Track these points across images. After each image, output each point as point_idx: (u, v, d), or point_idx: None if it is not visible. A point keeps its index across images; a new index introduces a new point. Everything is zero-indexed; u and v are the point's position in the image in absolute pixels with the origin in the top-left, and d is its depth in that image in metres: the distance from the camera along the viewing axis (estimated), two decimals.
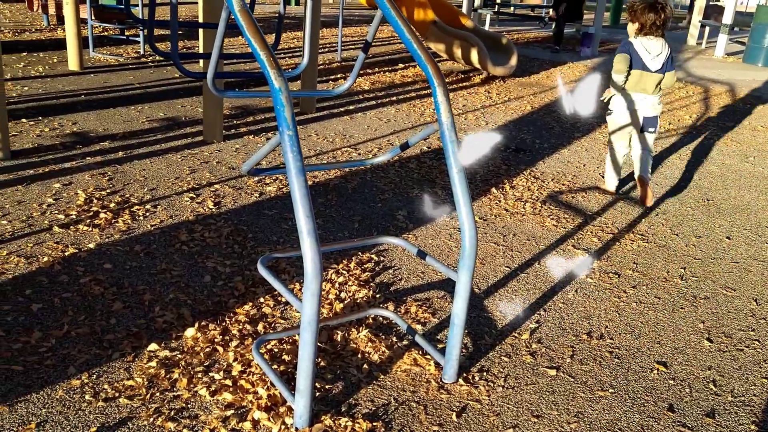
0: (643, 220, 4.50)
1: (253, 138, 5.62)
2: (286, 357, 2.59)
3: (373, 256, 3.60)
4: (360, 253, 3.61)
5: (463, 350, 2.77)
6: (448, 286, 3.32)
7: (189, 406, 2.26)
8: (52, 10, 10.39)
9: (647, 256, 3.92)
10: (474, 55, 8.93)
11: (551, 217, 4.42)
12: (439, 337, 2.86)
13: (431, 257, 2.66)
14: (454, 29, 9.36)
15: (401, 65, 10.04)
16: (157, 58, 8.98)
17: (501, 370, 2.65)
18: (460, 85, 8.97)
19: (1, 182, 4.14)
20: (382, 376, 2.53)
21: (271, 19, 14.60)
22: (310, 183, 4.64)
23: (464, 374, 2.59)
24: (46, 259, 3.21)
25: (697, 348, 2.96)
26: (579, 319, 3.13)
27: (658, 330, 3.09)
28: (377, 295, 3.17)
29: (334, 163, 2.70)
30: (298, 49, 10.61)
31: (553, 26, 13.40)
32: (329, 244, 2.76)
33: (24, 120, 5.52)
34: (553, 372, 2.67)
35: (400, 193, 4.63)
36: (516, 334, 2.94)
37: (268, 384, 2.39)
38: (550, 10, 14.52)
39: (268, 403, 2.28)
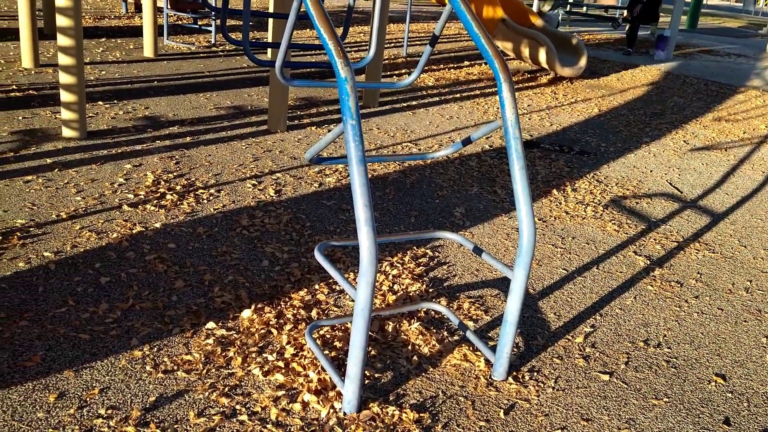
0: (711, 230, 4.35)
1: (316, 129, 5.70)
2: (337, 344, 2.63)
3: (427, 251, 3.61)
4: (415, 248, 3.63)
5: (515, 349, 2.75)
6: (502, 284, 3.30)
7: (242, 383, 2.32)
8: None
9: (712, 267, 3.79)
10: (542, 55, 8.79)
11: (613, 221, 4.33)
12: (490, 335, 2.85)
13: (487, 254, 2.65)
14: (523, 28, 9.24)
15: (467, 62, 9.98)
16: (227, 47, 9.20)
17: (552, 371, 2.62)
18: (526, 84, 8.85)
19: (78, 161, 4.34)
20: (431, 369, 2.54)
21: (339, 13, 14.74)
22: (369, 176, 4.68)
23: (514, 373, 2.58)
24: (115, 235, 3.35)
25: (759, 362, 2.85)
26: (636, 326, 3.06)
27: (719, 342, 2.99)
28: (430, 290, 3.18)
29: (395, 156, 2.72)
30: (364, 44, 10.69)
31: (627, 28, 13.06)
32: (385, 236, 2.79)
33: (100, 102, 5.75)
34: (605, 377, 2.62)
35: (458, 190, 4.62)
36: (569, 337, 2.90)
37: (319, 368, 2.43)
38: (625, 11, 14.14)
39: (318, 387, 2.32)
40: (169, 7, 9.26)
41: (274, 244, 3.47)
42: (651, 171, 5.54)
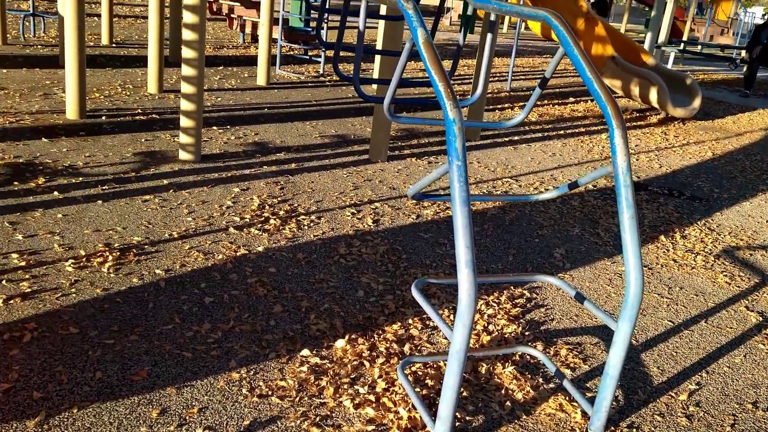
0: None
1: (416, 161, 5.75)
2: (429, 381, 2.61)
3: (525, 291, 3.53)
4: (512, 287, 3.56)
5: (614, 403, 2.62)
6: (602, 332, 3.17)
7: (333, 414, 2.34)
8: (248, 30, 11.38)
9: None
10: (653, 94, 8.50)
11: (725, 273, 4.07)
12: (588, 385, 2.73)
13: (589, 301, 2.56)
14: (634, 66, 8.97)
15: (572, 99, 9.79)
16: (335, 78, 9.49)
17: (653, 429, 2.48)
18: (635, 123, 8.57)
19: (191, 182, 4.58)
20: (524, 417, 2.46)
21: (445, 46, 14.88)
22: None
23: (612, 428, 2.46)
24: (220, 256, 3.50)
25: None
26: (745, 386, 2.85)
27: None
28: (526, 333, 3.10)
29: (498, 195, 2.70)
30: (467, 77, 10.72)
31: (745, 69, 12.41)
32: (484, 276, 2.75)
33: (215, 127, 6.07)
34: None
35: (559, 230, 4.51)
36: (673, 394, 2.73)
37: (410, 406, 2.41)
38: (743, 51, 13.47)
39: (408, 425, 2.31)
40: (283, 38, 9.69)
41: (370, 275, 3.50)
42: None
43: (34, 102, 6.03)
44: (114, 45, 9.74)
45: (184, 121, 4.95)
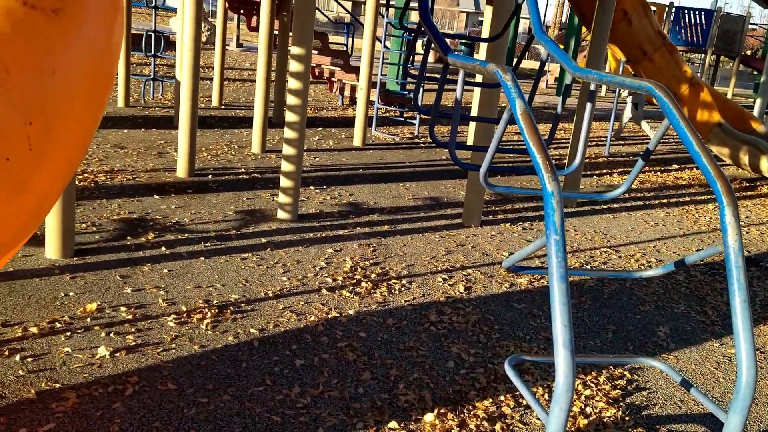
0: None
1: (510, 226, 5.67)
2: None
3: (626, 372, 3.34)
4: (611, 367, 3.38)
5: None
6: (710, 421, 2.94)
7: None
8: (347, 92, 11.80)
9: None
10: (764, 163, 8.05)
11: None
12: None
13: (697, 390, 2.39)
14: (743, 134, 8.57)
15: (675, 165, 9.43)
16: (428, 140, 9.62)
17: None
18: (745, 194, 8.12)
19: (287, 242, 4.71)
20: None
21: (541, 110, 14.82)
22: None
23: None
24: (312, 318, 3.54)
25: None
26: None
27: None
28: (626, 418, 2.92)
29: (598, 271, 2.60)
30: (563, 141, 10.58)
31: None
32: (583, 356, 2.63)
33: (312, 187, 6.25)
34: None
35: (663, 306, 4.27)
36: None
37: None
38: None
39: None
40: (379, 101, 9.97)
41: (460, 345, 3.43)
42: None
43: (149, 160, 6.45)
44: (223, 107, 10.34)
45: (284, 181, 5.13)
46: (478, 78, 5.82)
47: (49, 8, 1.99)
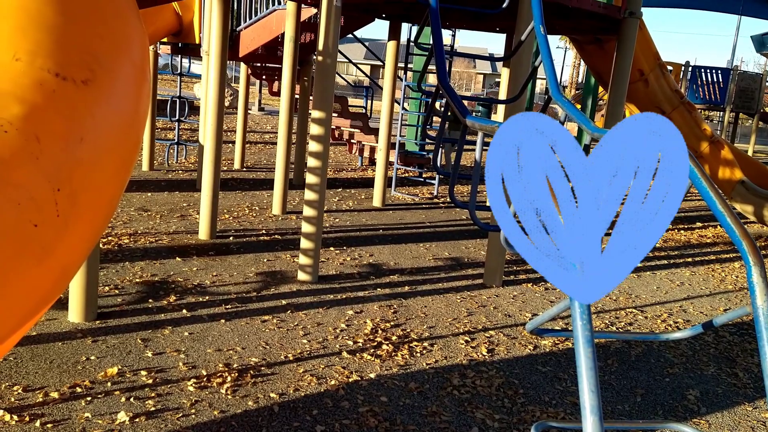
0: None
1: (532, 286, 5.60)
2: None
3: None
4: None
5: None
6: None
7: None
8: (366, 153, 11.97)
9: None
10: None
11: None
12: None
13: None
14: (766, 190, 8.49)
15: (699, 224, 9.34)
16: (448, 200, 9.65)
17: None
18: None
19: (307, 303, 4.69)
20: None
21: None
22: None
23: None
24: (333, 382, 3.49)
25: None
26: None
27: None
28: None
29: (624, 333, 2.54)
30: None
31: None
32: (611, 422, 2.55)
33: (332, 248, 6.27)
34: None
35: (692, 368, 4.15)
36: None
37: None
38: None
39: None
40: (399, 162, 10.08)
41: (484, 410, 3.35)
42: None
43: (172, 223, 6.53)
44: (245, 169, 10.52)
45: (304, 243, 5.15)
46: None
47: (80, 79, 2.07)
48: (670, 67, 18.09)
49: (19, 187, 1.79)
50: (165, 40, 9.54)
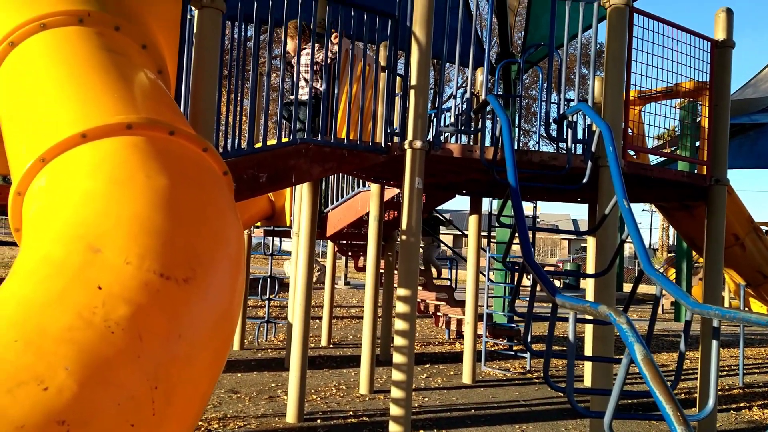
0: None
1: None
2: None
3: None
4: None
5: None
6: None
7: None
8: (453, 326, 11.80)
9: None
10: None
11: None
12: None
13: None
14: None
15: None
16: (541, 374, 9.20)
17: None
18: None
19: None
20: None
21: (659, 337, 14.06)
22: None
23: None
24: None
25: None
26: None
27: None
28: None
29: None
30: (689, 371, 9.81)
31: None
32: None
33: (422, 431, 5.99)
34: None
35: None
36: None
37: None
38: None
39: None
40: (488, 334, 9.85)
41: None
42: None
43: (260, 405, 6.50)
44: (331, 346, 10.55)
45: (393, 427, 4.96)
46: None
47: (182, 278, 2.19)
48: (764, 227, 17.46)
49: (121, 387, 1.84)
50: (258, 224, 10.17)
